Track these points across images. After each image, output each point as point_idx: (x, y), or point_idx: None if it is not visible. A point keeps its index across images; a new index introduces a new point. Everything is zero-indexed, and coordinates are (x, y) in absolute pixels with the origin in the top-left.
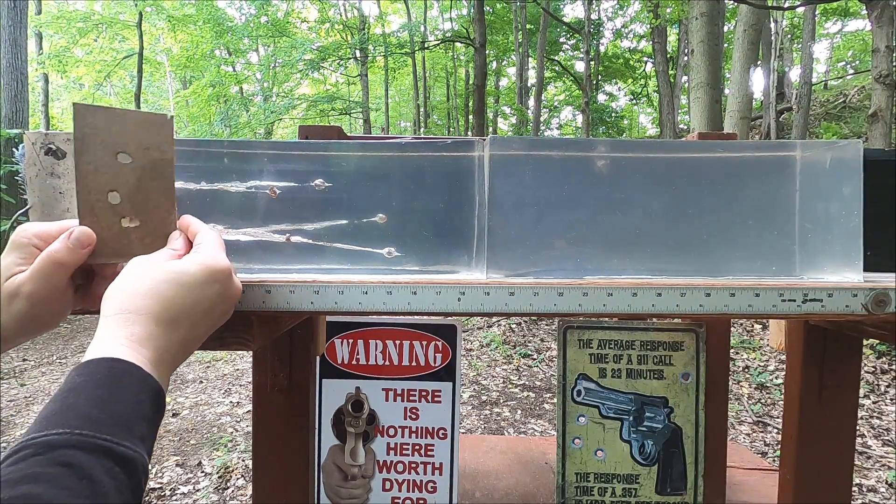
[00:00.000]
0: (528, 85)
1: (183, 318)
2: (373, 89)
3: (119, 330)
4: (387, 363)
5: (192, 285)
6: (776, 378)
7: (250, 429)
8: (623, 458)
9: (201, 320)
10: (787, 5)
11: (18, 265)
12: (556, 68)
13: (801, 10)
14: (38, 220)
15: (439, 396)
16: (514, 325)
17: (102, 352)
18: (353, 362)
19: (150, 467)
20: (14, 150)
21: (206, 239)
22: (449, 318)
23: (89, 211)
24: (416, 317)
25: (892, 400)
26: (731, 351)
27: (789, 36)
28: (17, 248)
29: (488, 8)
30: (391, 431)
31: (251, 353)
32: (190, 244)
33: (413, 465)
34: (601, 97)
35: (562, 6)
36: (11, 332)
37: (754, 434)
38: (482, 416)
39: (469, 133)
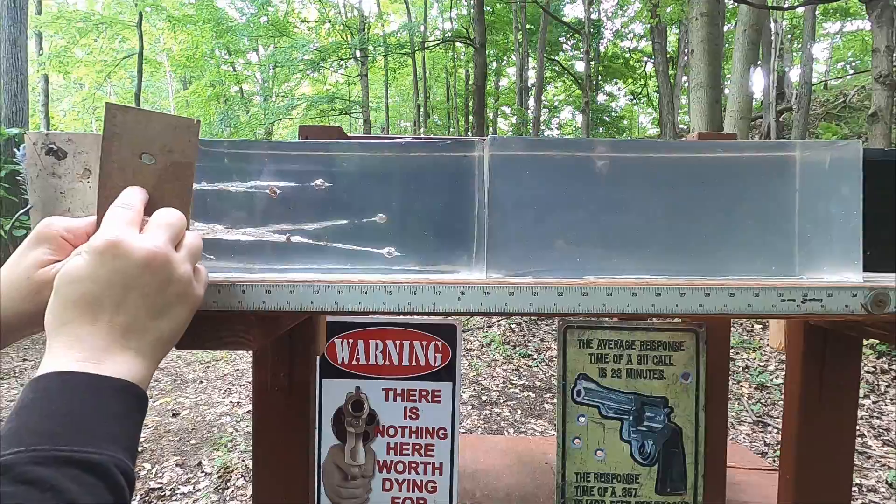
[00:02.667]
0: (528, 85)
1: (103, 306)
2: (373, 89)
3: (60, 344)
4: (387, 363)
5: (83, 274)
6: (776, 378)
7: (250, 429)
8: (623, 458)
9: (127, 300)
10: (787, 5)
11: (49, 256)
12: (556, 68)
13: (800, 10)
14: (40, 220)
15: (439, 396)
16: (514, 325)
17: (53, 366)
18: (353, 362)
19: (150, 469)
20: (15, 150)
21: (103, 223)
22: (449, 317)
23: (108, 207)
24: (415, 317)
25: (892, 400)
26: (731, 351)
27: (789, 36)
28: (46, 241)
29: (488, 8)
30: (391, 431)
31: (251, 352)
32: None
33: (413, 465)
34: (601, 97)
35: (562, 6)
36: (34, 321)
37: (754, 434)
38: (482, 416)
39: (469, 133)
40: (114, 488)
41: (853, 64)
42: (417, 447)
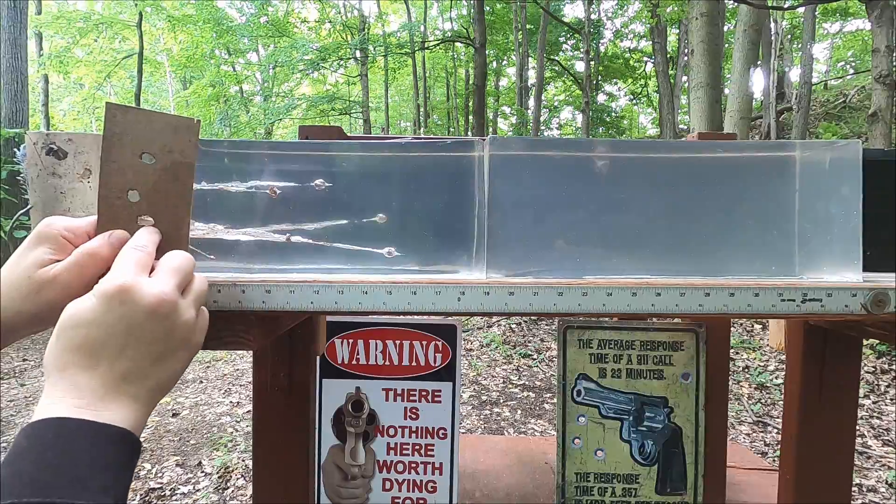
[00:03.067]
0: (528, 85)
1: (105, 353)
2: (373, 89)
3: (58, 389)
4: (387, 363)
5: (89, 318)
6: (776, 378)
7: (250, 429)
8: (623, 458)
9: (129, 346)
10: (787, 5)
11: (50, 256)
12: (556, 68)
13: (800, 10)
14: (40, 220)
15: (439, 396)
16: (514, 325)
17: (50, 412)
18: (353, 362)
19: (150, 469)
20: (15, 150)
21: (114, 264)
22: (449, 317)
23: (108, 207)
24: (416, 317)
25: (892, 400)
26: (731, 351)
27: (789, 36)
28: (47, 240)
29: (488, 8)
30: (391, 431)
31: (251, 352)
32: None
33: (413, 465)
34: (601, 97)
35: (562, 6)
36: (33, 320)
37: (754, 434)
38: (482, 416)
39: (469, 133)
40: None
41: (853, 64)
42: (417, 447)
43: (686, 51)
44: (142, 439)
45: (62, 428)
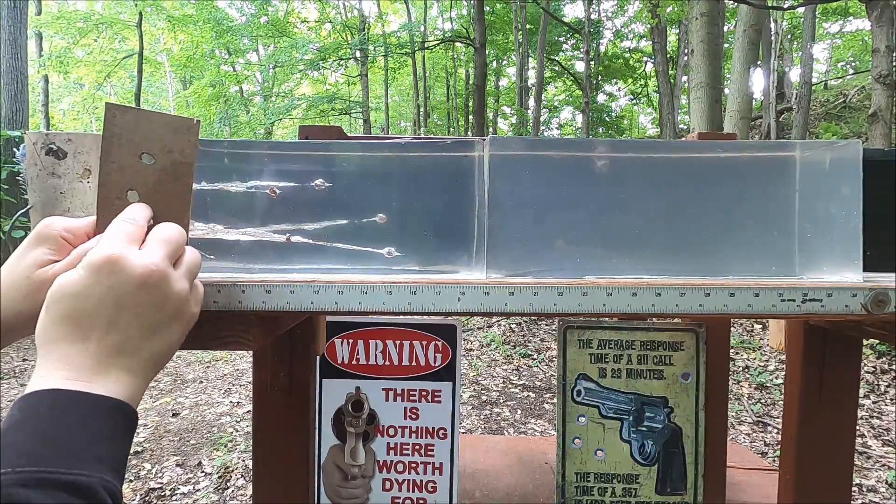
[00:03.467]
0: (529, 85)
1: (95, 325)
2: (373, 89)
3: (50, 361)
4: (387, 363)
5: (77, 289)
6: (776, 378)
7: (250, 429)
8: (623, 458)
9: (120, 318)
10: (787, 5)
11: (49, 256)
12: (556, 68)
13: (800, 10)
14: (40, 220)
15: (439, 396)
16: (514, 325)
17: (42, 384)
18: (353, 362)
19: (150, 469)
20: (15, 150)
21: (104, 236)
22: (449, 317)
23: (108, 207)
24: (416, 317)
25: (892, 400)
26: (731, 351)
27: (789, 36)
28: (45, 241)
29: (488, 8)
30: (391, 431)
31: (251, 352)
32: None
33: (413, 465)
34: (601, 97)
35: (562, 6)
36: (33, 320)
37: (754, 434)
38: (482, 416)
39: (469, 133)
40: None
41: (853, 64)
42: (417, 447)
43: (686, 51)
44: (142, 439)
45: (55, 400)
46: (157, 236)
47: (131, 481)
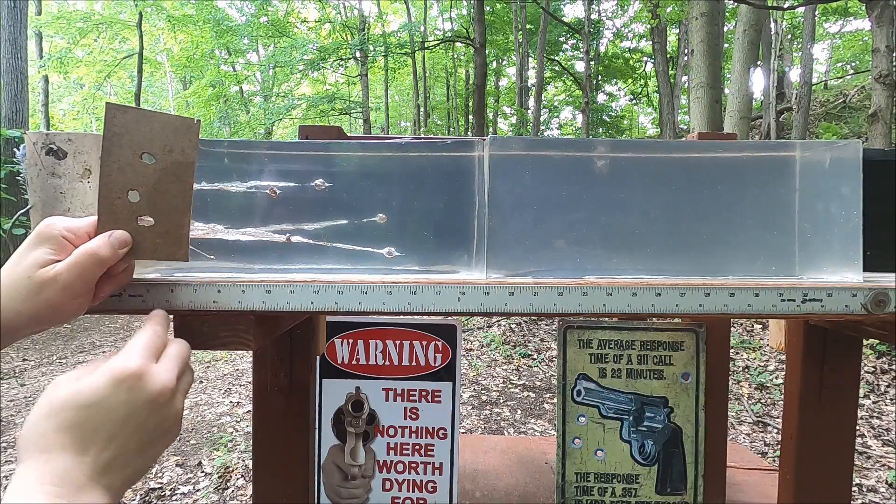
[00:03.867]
0: (529, 85)
1: (97, 438)
2: (373, 89)
3: (36, 472)
4: (387, 363)
5: (94, 400)
6: (776, 378)
7: (250, 429)
8: (623, 458)
9: (121, 434)
10: (787, 5)
11: (50, 256)
12: (556, 68)
13: (800, 10)
14: (40, 220)
15: (439, 396)
16: (514, 325)
17: (25, 496)
18: (353, 362)
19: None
20: (15, 150)
21: (131, 342)
22: (449, 318)
23: (108, 207)
24: (416, 317)
25: (892, 400)
26: (731, 351)
27: (789, 36)
28: (47, 241)
29: (488, 8)
30: (391, 431)
31: (251, 352)
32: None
33: (413, 465)
34: (601, 97)
35: (562, 6)
36: (33, 320)
37: (754, 434)
38: (482, 416)
39: (469, 133)
40: None
41: (853, 64)
42: (417, 447)
43: (686, 51)
44: None
45: None
46: (174, 353)
47: None
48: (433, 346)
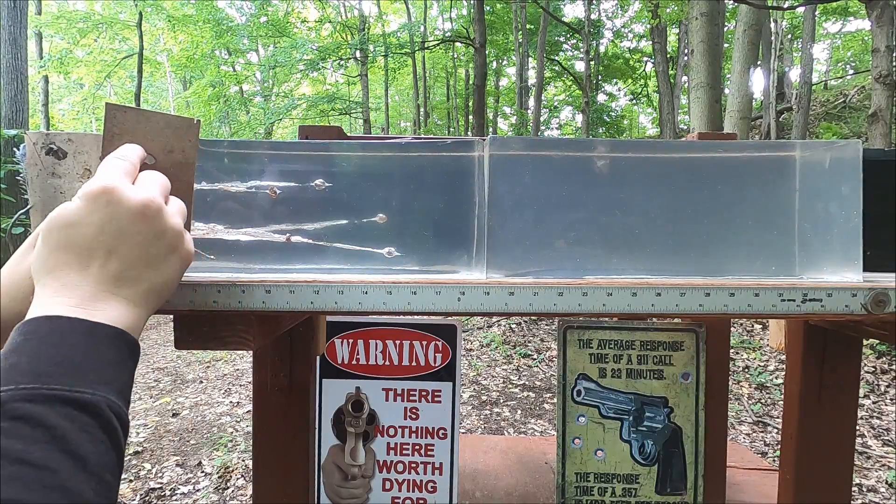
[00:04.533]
0: (529, 85)
1: (95, 253)
2: (373, 89)
3: (49, 290)
4: (387, 363)
5: (76, 218)
6: (776, 378)
7: (250, 429)
8: (623, 458)
9: (119, 247)
10: (787, 5)
11: None
12: (556, 68)
13: (800, 10)
14: (40, 220)
15: (439, 396)
16: (514, 325)
17: (43, 311)
18: (353, 362)
19: (150, 469)
20: (15, 150)
21: (98, 171)
22: (449, 317)
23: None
24: (416, 317)
25: (892, 400)
26: (731, 351)
27: (789, 36)
28: None
29: (488, 8)
30: (391, 431)
31: (251, 352)
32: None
33: (413, 465)
34: (601, 97)
35: (562, 6)
36: None
37: (754, 434)
38: (482, 416)
39: (469, 133)
40: (107, 428)
41: (853, 64)
42: (417, 447)
43: (686, 51)
44: (142, 439)
45: (56, 325)
46: (148, 178)
47: (131, 481)
48: (433, 346)
